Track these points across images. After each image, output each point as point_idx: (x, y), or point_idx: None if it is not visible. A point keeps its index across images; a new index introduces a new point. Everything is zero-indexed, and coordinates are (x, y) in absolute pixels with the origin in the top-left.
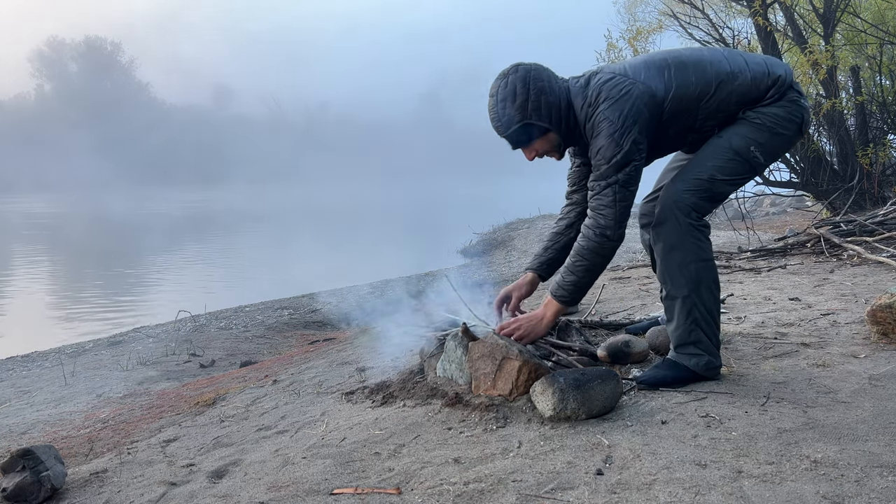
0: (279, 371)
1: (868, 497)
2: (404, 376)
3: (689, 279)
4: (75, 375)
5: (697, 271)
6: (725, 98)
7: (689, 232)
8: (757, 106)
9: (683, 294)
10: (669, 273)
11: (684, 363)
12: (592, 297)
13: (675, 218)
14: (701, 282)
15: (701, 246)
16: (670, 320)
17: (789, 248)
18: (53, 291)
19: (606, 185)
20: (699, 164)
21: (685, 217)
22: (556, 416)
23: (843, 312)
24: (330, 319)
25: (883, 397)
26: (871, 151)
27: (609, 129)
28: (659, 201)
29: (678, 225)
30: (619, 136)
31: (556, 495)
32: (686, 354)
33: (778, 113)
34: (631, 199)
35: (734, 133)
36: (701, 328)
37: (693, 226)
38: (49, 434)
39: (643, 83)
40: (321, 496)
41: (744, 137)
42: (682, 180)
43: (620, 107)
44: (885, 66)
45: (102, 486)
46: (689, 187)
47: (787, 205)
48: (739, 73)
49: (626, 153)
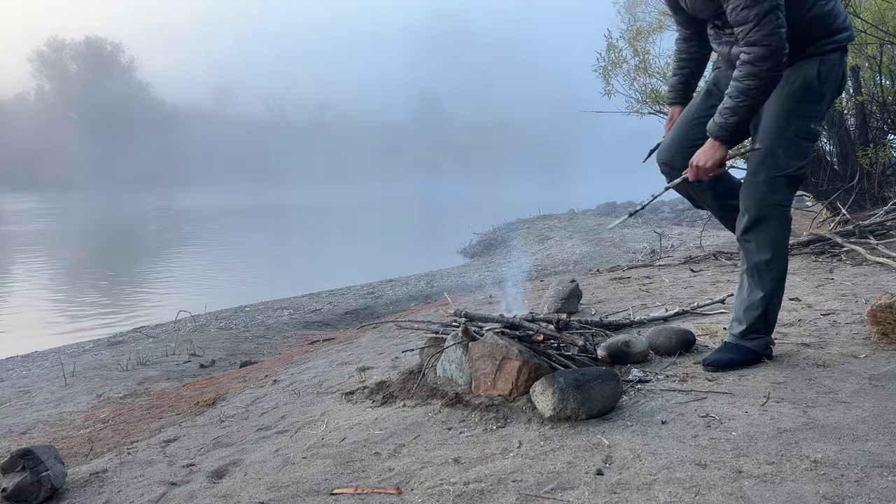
0: (279, 371)
1: (868, 497)
2: (404, 376)
3: (775, 276)
4: (75, 375)
5: (783, 269)
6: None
7: (782, 231)
8: (810, 49)
9: (769, 289)
10: (758, 269)
11: (747, 345)
12: (593, 297)
13: (773, 218)
14: (783, 277)
15: (787, 244)
16: (748, 307)
17: (790, 247)
18: (53, 291)
19: (767, 12)
20: (772, 160)
21: (781, 217)
22: (556, 416)
23: (843, 312)
24: (330, 319)
25: (883, 397)
26: (871, 151)
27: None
28: (745, 200)
29: (776, 225)
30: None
31: (556, 495)
32: (748, 339)
33: (830, 70)
34: (785, 25)
35: (789, 115)
36: (767, 320)
37: (786, 226)
38: (49, 434)
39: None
40: (321, 496)
41: (801, 118)
42: (763, 183)
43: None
44: (885, 66)
45: (102, 486)
46: (774, 186)
47: None
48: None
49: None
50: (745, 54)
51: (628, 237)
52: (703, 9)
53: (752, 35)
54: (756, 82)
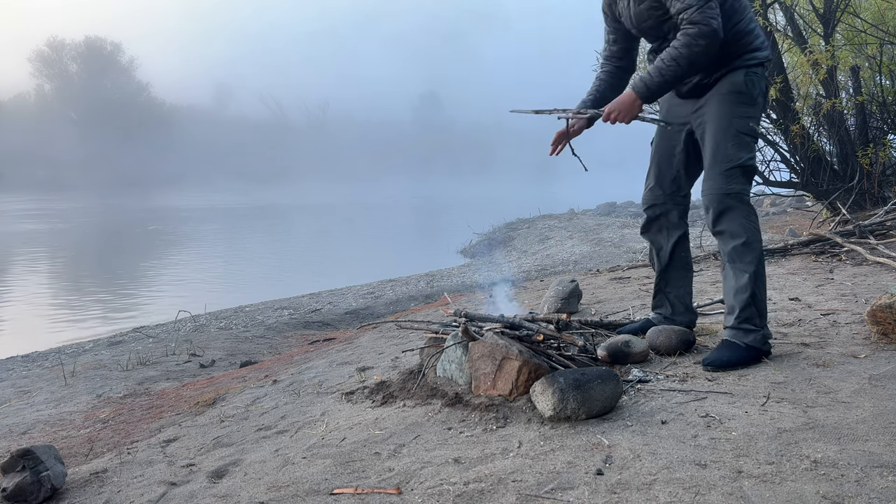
0: (279, 371)
1: (868, 497)
2: (404, 376)
3: (755, 256)
4: (75, 375)
5: (761, 252)
6: (734, 19)
7: (747, 216)
8: (741, 61)
9: (752, 269)
10: (736, 252)
11: (744, 341)
12: (593, 297)
13: (734, 205)
14: (762, 261)
15: (758, 229)
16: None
17: (790, 247)
18: (54, 291)
19: (707, 0)
20: (721, 154)
21: (741, 203)
22: (556, 416)
23: (843, 312)
24: (330, 319)
25: (883, 397)
26: (871, 151)
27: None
28: (706, 197)
29: (739, 210)
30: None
31: (556, 495)
32: (743, 331)
33: (757, 82)
34: (719, 17)
35: (730, 117)
36: (757, 305)
37: (750, 211)
38: (49, 434)
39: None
40: (321, 496)
41: (740, 118)
42: (718, 174)
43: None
44: (885, 66)
45: (102, 486)
46: (729, 177)
47: (787, 205)
48: (752, 20)
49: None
50: (685, 29)
51: (628, 237)
52: (646, 17)
53: (694, 15)
54: (688, 52)
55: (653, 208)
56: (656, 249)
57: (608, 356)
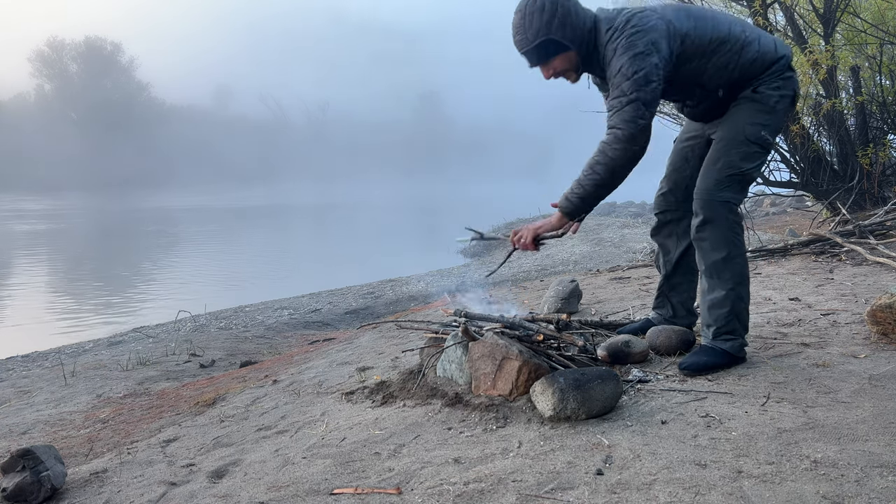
0: (279, 371)
1: (868, 497)
2: (404, 376)
3: (734, 273)
4: (75, 375)
5: (742, 266)
6: (734, 59)
7: (732, 229)
8: (758, 81)
9: (729, 287)
10: (716, 268)
11: (722, 347)
12: (593, 297)
13: (721, 217)
14: (743, 276)
15: (741, 241)
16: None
17: (790, 247)
18: (54, 292)
19: (628, 102)
20: (723, 159)
21: (729, 214)
22: (556, 416)
23: (843, 312)
24: (330, 319)
25: (883, 397)
26: (871, 151)
27: (632, 50)
28: (696, 199)
29: (725, 222)
30: (641, 57)
31: (556, 495)
32: (722, 339)
33: (776, 90)
34: (650, 119)
35: (743, 122)
36: (738, 318)
37: (736, 223)
38: (49, 434)
39: (669, 20)
40: (321, 496)
41: (752, 124)
42: (713, 178)
43: (645, 33)
44: (885, 66)
45: (102, 486)
46: (722, 183)
47: (787, 205)
48: (752, 42)
49: (648, 73)
50: (605, 136)
51: (628, 237)
52: (603, 90)
53: (611, 119)
54: (603, 159)
55: (664, 213)
56: (664, 253)
57: (608, 356)
